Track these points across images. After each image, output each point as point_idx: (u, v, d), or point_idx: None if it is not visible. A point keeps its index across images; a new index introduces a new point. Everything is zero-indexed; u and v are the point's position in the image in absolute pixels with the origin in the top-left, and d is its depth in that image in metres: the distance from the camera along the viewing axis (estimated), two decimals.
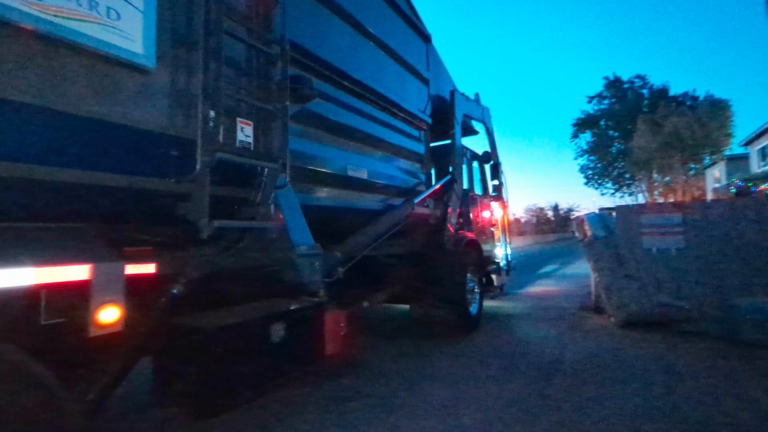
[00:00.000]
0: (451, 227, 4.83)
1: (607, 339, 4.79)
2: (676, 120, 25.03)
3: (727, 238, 5.69)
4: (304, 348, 2.51)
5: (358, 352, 4.20)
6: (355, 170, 3.27)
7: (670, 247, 5.91)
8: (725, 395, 3.10)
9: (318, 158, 2.91)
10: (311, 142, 2.87)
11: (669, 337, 4.75)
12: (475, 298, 5.30)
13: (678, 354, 4.14)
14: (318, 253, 2.45)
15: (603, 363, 3.92)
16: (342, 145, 3.20)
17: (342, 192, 3.20)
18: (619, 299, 5.40)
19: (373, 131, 3.62)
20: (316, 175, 2.90)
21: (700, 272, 5.73)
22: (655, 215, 6.17)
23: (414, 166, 4.47)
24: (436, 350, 4.40)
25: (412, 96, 4.37)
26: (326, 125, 3.02)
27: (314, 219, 2.84)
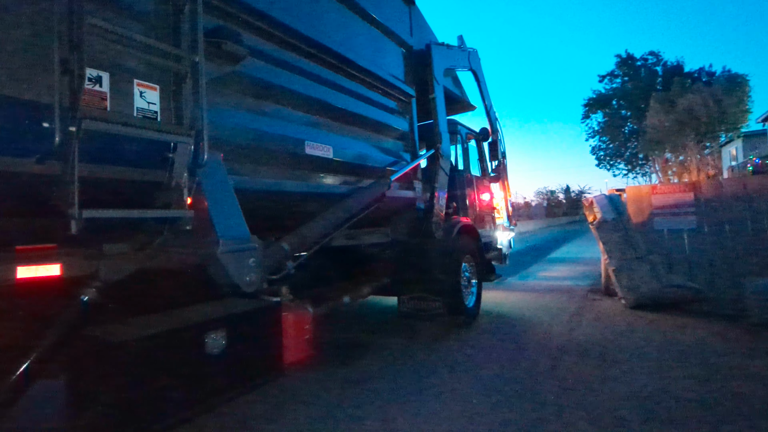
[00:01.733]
0: (441, 211, 4.27)
1: (618, 321, 4.66)
2: (691, 97, 23.70)
3: (740, 218, 5.52)
4: (253, 358, 2.08)
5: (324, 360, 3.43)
6: (315, 147, 2.73)
7: (682, 228, 5.84)
8: (734, 376, 3.05)
9: (263, 133, 2.40)
10: (253, 113, 2.35)
11: (680, 319, 4.66)
12: (472, 289, 4.79)
13: (688, 335, 4.06)
14: (252, 246, 1.98)
15: (613, 346, 3.83)
16: (297, 118, 2.67)
17: (299, 173, 2.67)
18: (630, 281, 5.22)
19: (341, 103, 3.07)
20: (261, 154, 2.39)
21: (713, 253, 5.63)
22: (667, 196, 6.09)
23: (396, 143, 3.88)
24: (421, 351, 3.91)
25: (392, 64, 3.75)
26: (273, 94, 2.49)
27: (263, 206, 2.38)
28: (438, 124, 4.32)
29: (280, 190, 2.50)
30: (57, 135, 1.37)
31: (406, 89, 3.91)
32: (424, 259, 4.05)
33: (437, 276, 4.00)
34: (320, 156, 2.78)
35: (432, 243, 4.10)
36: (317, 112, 2.84)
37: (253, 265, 1.95)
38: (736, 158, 24.52)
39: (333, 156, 2.90)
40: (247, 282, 1.93)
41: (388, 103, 3.67)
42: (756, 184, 5.70)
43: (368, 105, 3.38)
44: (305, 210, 2.69)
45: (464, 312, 4.46)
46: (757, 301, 4.33)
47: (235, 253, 1.88)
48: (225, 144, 2.12)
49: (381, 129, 3.56)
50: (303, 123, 2.71)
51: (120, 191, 1.73)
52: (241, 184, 2.19)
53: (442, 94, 4.51)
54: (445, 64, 4.73)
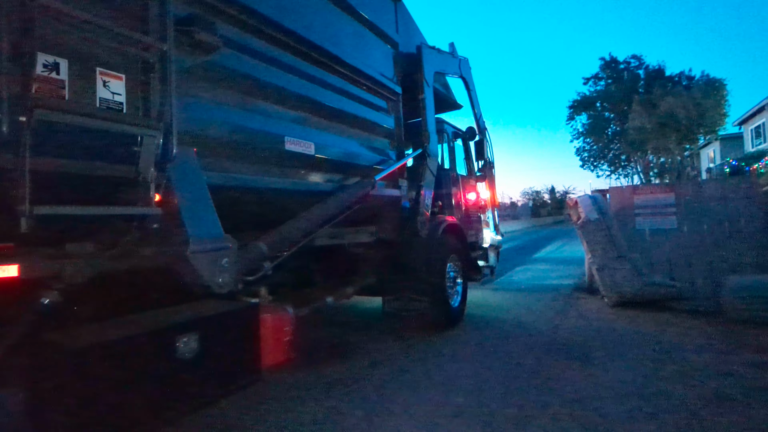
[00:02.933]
0: (426, 210, 4.18)
1: (601, 319, 4.73)
2: (672, 100, 24.10)
3: (718, 217, 5.69)
4: (229, 362, 1.98)
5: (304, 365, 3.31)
6: (295, 143, 2.62)
7: (662, 228, 5.95)
8: (711, 371, 3.12)
9: (240, 127, 2.28)
10: (229, 106, 2.22)
11: (660, 316, 4.72)
12: (458, 290, 4.68)
13: (668, 332, 4.12)
14: (225, 246, 1.87)
15: (596, 344, 3.87)
16: (276, 113, 2.55)
17: (279, 169, 2.56)
18: (612, 280, 5.30)
19: (324, 99, 2.95)
20: (238, 149, 2.27)
21: (692, 252, 5.77)
22: (648, 196, 6.18)
23: (382, 142, 3.78)
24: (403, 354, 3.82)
25: (378, 61, 3.64)
26: (251, 87, 2.37)
27: (241, 203, 2.27)
28: (426, 124, 4.25)
29: (259, 187, 2.38)
30: (4, 125, 1.25)
31: (392, 87, 3.81)
32: (409, 258, 3.96)
33: (422, 276, 3.91)
34: (301, 152, 2.66)
35: (417, 242, 4.01)
36: (299, 108, 2.72)
37: (226, 265, 1.84)
38: (714, 160, 25.01)
39: (315, 153, 2.78)
40: (219, 283, 1.83)
41: (374, 101, 3.57)
42: (732, 185, 5.85)
43: (353, 102, 3.28)
44: (287, 208, 2.57)
45: (449, 312, 4.38)
46: (733, 298, 4.42)
47: (206, 253, 1.77)
48: (199, 138, 2.01)
49: (366, 127, 3.46)
50: (283, 118, 2.59)
51: (83, 187, 1.61)
52: (216, 181, 2.08)
53: (431, 96, 4.43)
54: (435, 67, 4.67)
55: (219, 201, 2.15)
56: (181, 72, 1.92)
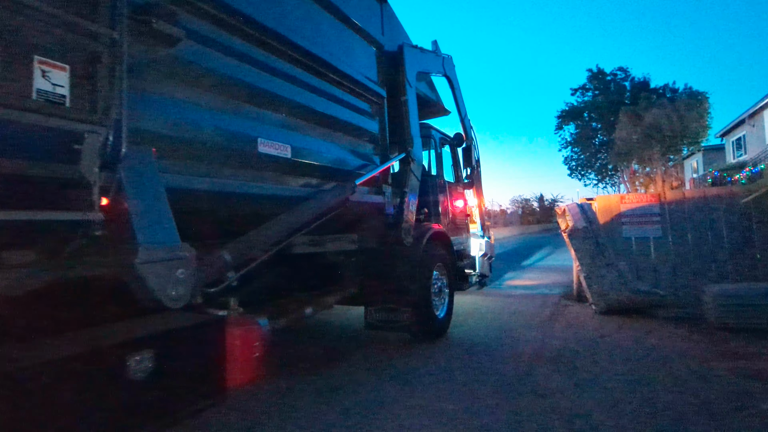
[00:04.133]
0: (411, 218, 3.99)
1: (589, 327, 4.74)
2: (656, 112, 24.47)
3: (701, 226, 5.81)
4: (188, 382, 1.79)
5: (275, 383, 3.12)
6: (270, 146, 2.43)
7: (648, 236, 6.02)
8: (697, 377, 3.14)
9: (207, 127, 2.09)
10: (194, 104, 2.04)
11: (646, 323, 4.77)
12: (444, 300, 4.48)
13: (654, 340, 4.14)
14: (181, 256, 1.68)
15: (584, 351, 3.88)
16: (249, 113, 2.36)
17: (251, 173, 2.36)
18: (600, 287, 5.32)
19: (303, 100, 2.78)
20: (204, 150, 2.08)
21: (676, 260, 5.88)
22: (634, 205, 6.25)
23: (365, 146, 3.59)
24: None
25: (361, 63, 3.47)
26: (220, 84, 2.18)
27: (208, 209, 2.10)
28: (410, 127, 4.04)
29: (229, 191, 2.18)
30: None
31: (376, 90, 3.64)
32: (393, 267, 3.76)
33: (406, 285, 3.71)
34: (276, 155, 2.47)
35: (401, 250, 3.81)
36: (274, 108, 2.54)
37: (181, 276, 1.65)
38: (697, 170, 25.36)
39: (291, 156, 2.59)
40: (172, 297, 1.63)
41: (356, 103, 3.41)
42: (714, 195, 5.96)
43: (335, 104, 3.10)
44: (260, 214, 2.36)
45: (435, 323, 4.17)
46: (715, 305, 4.46)
47: (157, 263, 1.58)
48: (160, 138, 1.83)
49: (349, 130, 3.29)
50: (256, 119, 2.40)
51: (16, 189, 1.42)
52: (180, 184, 1.90)
53: (414, 97, 4.24)
54: (418, 66, 4.47)
55: (184, 206, 1.96)
56: (141, 65, 1.75)
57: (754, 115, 19.44)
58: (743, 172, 14.90)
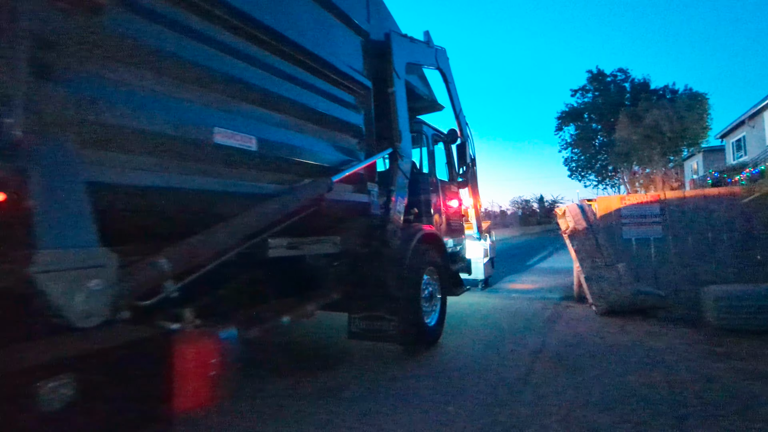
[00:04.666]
0: (398, 218, 3.71)
1: (589, 328, 4.70)
2: (656, 113, 24.24)
3: (701, 228, 5.78)
4: (121, 410, 1.52)
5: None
6: (229, 136, 2.09)
7: (648, 237, 6.03)
8: (697, 379, 3.11)
9: (146, 112, 1.76)
10: (129, 85, 1.70)
11: (646, 324, 4.73)
12: (435, 306, 4.16)
13: (654, 341, 4.11)
14: (95, 263, 1.41)
15: (584, 352, 3.84)
16: (203, 98, 2.03)
17: (204, 166, 2.02)
18: (600, 288, 5.29)
19: (273, 87, 2.46)
20: (141, 138, 1.75)
21: (677, 261, 5.86)
22: (634, 206, 6.24)
23: (348, 141, 3.26)
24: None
25: (343, 51, 3.18)
26: (164, 63, 1.85)
27: (147, 207, 1.83)
28: (398, 121, 3.73)
29: (172, 186, 1.85)
30: None
31: (361, 80, 3.32)
32: (378, 272, 3.46)
33: (392, 292, 3.42)
34: (238, 147, 2.14)
35: (387, 253, 3.51)
36: (237, 95, 2.22)
37: (96, 288, 1.37)
38: (697, 171, 25.13)
39: (257, 149, 2.25)
40: (80, 313, 1.34)
41: (338, 94, 3.09)
42: (714, 196, 5.94)
43: (312, 94, 2.78)
44: (220, 214, 2.04)
45: (424, 332, 3.85)
46: (716, 306, 4.39)
47: (62, 272, 1.31)
48: (82, 123, 1.52)
49: (329, 123, 2.98)
50: (212, 105, 2.07)
51: None
52: (107, 178, 1.60)
53: (403, 90, 3.93)
54: (407, 57, 4.16)
55: (117, 205, 1.71)
56: (56, 36, 1.45)
57: (754, 116, 19.24)
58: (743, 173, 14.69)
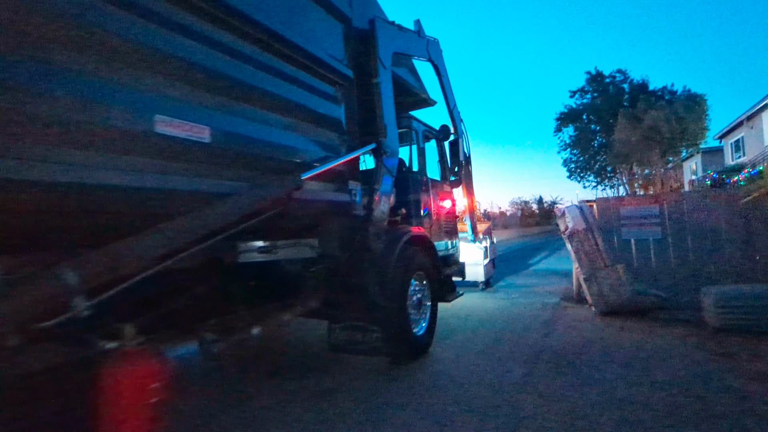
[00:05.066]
0: (382, 219, 3.41)
1: (589, 329, 4.67)
2: (655, 114, 24.10)
3: (700, 228, 5.74)
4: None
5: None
6: (175, 126, 1.80)
7: (647, 238, 5.97)
8: (697, 380, 3.08)
9: (60, 95, 1.47)
10: (39, 63, 1.43)
11: (646, 325, 4.70)
12: (425, 314, 3.86)
13: (655, 342, 4.07)
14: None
15: (585, 353, 3.81)
16: (139, 81, 1.73)
17: (143, 161, 1.72)
18: (599, 289, 5.22)
19: (235, 73, 2.18)
20: (61, 127, 1.47)
21: (676, 261, 5.81)
22: (634, 207, 6.20)
23: (327, 135, 2.94)
24: None
25: (321, 37, 2.89)
26: (82, 38, 1.54)
27: (62, 208, 1.56)
28: (383, 114, 3.43)
29: (95, 183, 1.55)
30: None
31: (341, 69, 3.02)
32: (360, 278, 3.17)
33: (375, 299, 3.14)
34: (186, 138, 1.84)
35: (370, 258, 3.22)
36: (187, 80, 1.91)
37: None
38: (696, 172, 24.98)
39: (211, 141, 1.95)
40: None
41: (315, 84, 2.78)
42: (713, 197, 5.88)
43: (284, 82, 2.46)
44: (162, 216, 1.77)
45: (412, 342, 3.54)
46: (715, 307, 4.32)
47: None
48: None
49: (303, 115, 2.65)
50: (153, 90, 1.77)
51: None
52: (22, 174, 1.37)
53: (389, 81, 3.63)
54: (395, 46, 3.83)
55: (28, 204, 1.45)
56: None
57: (752, 117, 19.10)
58: (742, 173, 14.53)
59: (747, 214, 5.58)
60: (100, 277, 1.48)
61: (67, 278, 1.38)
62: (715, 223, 5.67)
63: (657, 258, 5.90)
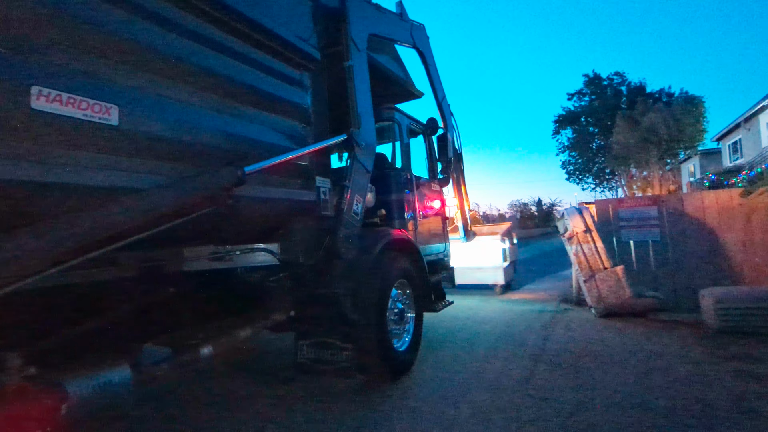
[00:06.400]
0: (355, 222, 3.00)
1: (589, 331, 4.63)
2: (653, 116, 23.84)
3: (699, 230, 5.69)
4: None
5: None
6: (63, 102, 1.40)
7: (646, 240, 5.92)
8: (697, 381, 3.06)
9: None
10: None
11: (645, 327, 4.66)
12: (407, 327, 3.47)
13: (654, 343, 4.03)
14: None
15: (584, 355, 3.78)
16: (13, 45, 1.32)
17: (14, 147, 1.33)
18: (598, 291, 5.18)
19: (156, 40, 1.80)
20: None
21: (675, 263, 5.76)
22: (633, 209, 6.11)
23: (290, 124, 2.59)
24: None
25: (280, 11, 2.54)
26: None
27: None
28: (356, 102, 3.04)
29: None
30: None
31: (305, 50, 2.64)
32: (328, 287, 2.79)
33: (347, 312, 2.74)
34: (79, 119, 1.44)
35: (340, 265, 2.84)
36: (93, 49, 1.54)
37: None
38: (694, 174, 24.81)
39: (118, 123, 1.57)
40: None
41: (272, 65, 2.40)
42: (712, 199, 5.78)
43: (230, 59, 2.11)
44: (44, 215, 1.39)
45: (391, 359, 3.13)
46: (715, 308, 4.27)
47: None
48: None
49: (258, 99, 2.29)
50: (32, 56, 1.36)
51: None
52: None
53: (364, 66, 3.24)
54: (371, 27, 3.42)
55: None
56: None
57: (750, 119, 18.92)
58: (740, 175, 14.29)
59: (746, 216, 5.47)
60: None
61: None
62: (714, 224, 5.60)
63: (656, 260, 5.86)
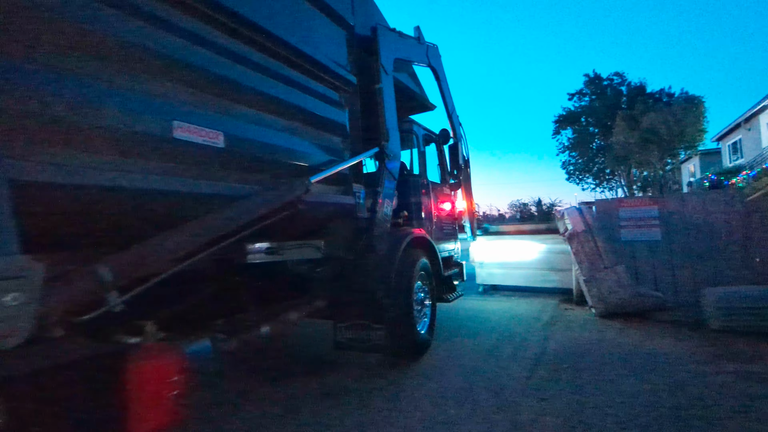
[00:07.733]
0: (385, 222, 3.48)
1: (589, 330, 4.62)
2: (653, 116, 24.00)
3: (700, 229, 5.70)
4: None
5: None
6: (191, 131, 1.87)
7: (647, 239, 5.94)
8: (698, 382, 3.06)
9: (88, 103, 1.53)
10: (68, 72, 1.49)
11: (646, 327, 4.66)
12: (426, 312, 3.93)
13: (655, 343, 4.04)
14: (14, 274, 1.16)
15: (585, 355, 3.78)
16: (160, 89, 1.81)
17: (160, 165, 1.79)
18: (599, 291, 5.19)
19: (245, 80, 2.26)
20: (83, 133, 1.51)
21: (676, 263, 5.75)
22: (633, 209, 6.17)
23: (331, 139, 3.02)
24: None
25: (325, 44, 2.97)
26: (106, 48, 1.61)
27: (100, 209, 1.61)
28: (385, 119, 3.51)
29: (124, 186, 1.62)
30: None
31: (345, 75, 3.10)
32: (364, 278, 3.22)
33: (380, 299, 3.18)
34: (201, 144, 1.91)
35: (374, 259, 3.28)
36: (200, 86, 1.99)
37: (12, 303, 1.14)
38: (695, 174, 24.89)
39: (224, 145, 2.02)
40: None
41: (320, 90, 2.85)
42: (712, 199, 5.84)
43: (290, 88, 2.56)
44: (178, 217, 1.82)
45: (415, 341, 3.61)
46: (715, 308, 4.29)
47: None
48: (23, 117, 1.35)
49: (310, 119, 2.74)
50: (171, 97, 1.84)
51: None
52: (52, 178, 1.41)
53: (391, 87, 3.72)
54: (396, 52, 3.93)
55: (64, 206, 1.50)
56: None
57: (750, 119, 19.06)
58: (740, 175, 14.49)
59: (746, 216, 5.53)
60: (130, 274, 1.53)
61: (102, 276, 1.42)
62: (714, 224, 5.63)
63: (657, 259, 5.89)
